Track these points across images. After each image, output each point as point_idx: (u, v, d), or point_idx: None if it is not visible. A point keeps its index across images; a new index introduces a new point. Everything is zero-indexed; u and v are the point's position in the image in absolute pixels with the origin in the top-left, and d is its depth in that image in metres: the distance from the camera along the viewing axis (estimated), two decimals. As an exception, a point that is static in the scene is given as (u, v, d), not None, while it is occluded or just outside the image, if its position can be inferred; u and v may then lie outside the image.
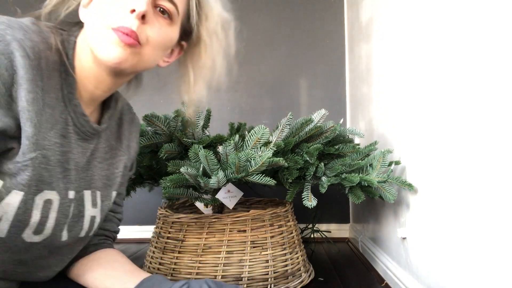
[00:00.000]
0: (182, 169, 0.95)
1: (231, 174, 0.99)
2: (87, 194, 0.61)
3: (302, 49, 1.97)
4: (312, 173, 1.09)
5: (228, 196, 1.25)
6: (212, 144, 1.07)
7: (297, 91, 1.97)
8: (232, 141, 1.00)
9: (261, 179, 0.98)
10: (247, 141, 1.02)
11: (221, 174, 0.97)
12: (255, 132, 1.01)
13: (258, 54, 1.98)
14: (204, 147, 1.02)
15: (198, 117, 1.13)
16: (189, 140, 1.08)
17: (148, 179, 1.30)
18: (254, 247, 1.17)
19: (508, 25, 0.63)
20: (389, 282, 1.23)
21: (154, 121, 1.05)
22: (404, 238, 1.13)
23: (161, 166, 1.15)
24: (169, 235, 1.21)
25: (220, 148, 1.02)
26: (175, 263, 1.17)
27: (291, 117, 1.07)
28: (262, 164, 0.96)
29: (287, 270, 1.21)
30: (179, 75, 0.72)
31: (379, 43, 1.35)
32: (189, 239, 1.17)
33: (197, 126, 1.11)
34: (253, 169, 0.97)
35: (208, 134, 1.18)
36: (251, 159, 0.97)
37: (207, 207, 1.37)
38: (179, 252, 1.18)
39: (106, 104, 0.67)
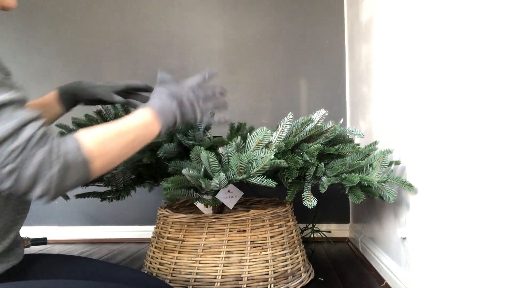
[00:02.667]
0: (183, 171, 0.95)
1: (233, 175, 0.99)
2: None
3: (302, 49, 1.97)
4: (312, 173, 1.08)
5: (228, 196, 1.25)
6: (212, 147, 1.08)
7: (297, 91, 1.97)
8: (233, 143, 1.00)
9: (263, 181, 0.98)
10: (248, 142, 1.02)
11: (222, 175, 0.97)
12: (256, 134, 1.01)
13: (258, 54, 1.98)
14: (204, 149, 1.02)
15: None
16: (190, 142, 1.08)
17: (148, 178, 1.30)
18: (254, 247, 1.17)
19: (508, 25, 0.63)
20: (389, 282, 1.23)
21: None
22: (404, 238, 1.13)
23: (161, 164, 1.16)
24: (169, 235, 1.21)
25: (221, 149, 1.02)
26: (175, 263, 1.17)
27: (291, 117, 1.07)
28: (264, 166, 0.96)
29: (287, 270, 1.21)
30: None
31: (379, 43, 1.35)
32: (189, 239, 1.18)
33: (198, 128, 1.11)
34: (255, 171, 0.97)
35: (209, 135, 1.18)
36: (253, 161, 0.97)
37: (207, 207, 1.37)
38: (179, 252, 1.18)
39: None
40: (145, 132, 0.65)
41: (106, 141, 0.58)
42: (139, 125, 0.64)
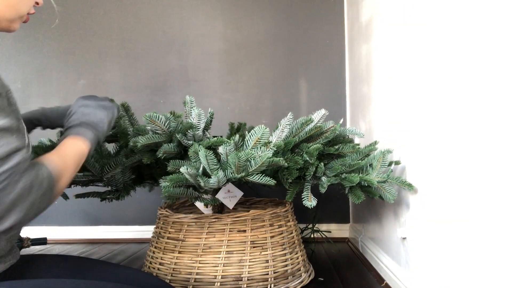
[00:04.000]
0: (182, 169, 0.95)
1: (231, 174, 0.99)
2: None
3: (302, 49, 1.97)
4: (312, 173, 1.08)
5: (228, 196, 1.25)
6: (212, 147, 1.07)
7: (297, 91, 1.97)
8: (232, 141, 1.00)
9: (261, 179, 0.98)
10: (247, 140, 1.02)
11: (221, 173, 0.97)
12: (255, 132, 1.01)
13: (258, 54, 1.98)
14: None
15: (200, 119, 1.13)
16: (189, 142, 1.08)
17: (148, 178, 1.29)
18: (254, 247, 1.17)
19: (506, 26, 0.63)
20: (389, 282, 1.23)
21: (154, 121, 1.05)
22: (404, 238, 1.13)
23: (161, 164, 1.15)
24: (169, 235, 1.21)
25: (220, 148, 1.02)
26: (175, 263, 1.17)
27: (291, 117, 1.07)
28: (262, 164, 0.96)
29: (287, 270, 1.21)
30: None
31: (379, 43, 1.35)
32: (189, 239, 1.17)
33: (198, 128, 1.11)
34: (253, 169, 0.97)
35: (208, 136, 1.18)
36: (251, 159, 0.97)
37: (207, 207, 1.37)
38: (179, 252, 1.18)
39: None
40: (81, 157, 0.72)
41: (66, 166, 0.64)
42: (77, 152, 0.70)
